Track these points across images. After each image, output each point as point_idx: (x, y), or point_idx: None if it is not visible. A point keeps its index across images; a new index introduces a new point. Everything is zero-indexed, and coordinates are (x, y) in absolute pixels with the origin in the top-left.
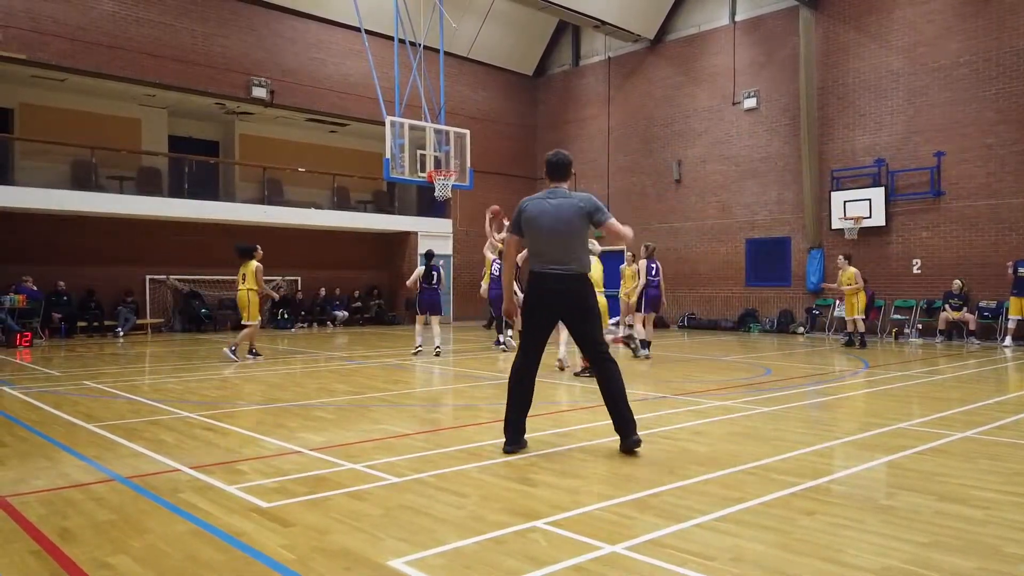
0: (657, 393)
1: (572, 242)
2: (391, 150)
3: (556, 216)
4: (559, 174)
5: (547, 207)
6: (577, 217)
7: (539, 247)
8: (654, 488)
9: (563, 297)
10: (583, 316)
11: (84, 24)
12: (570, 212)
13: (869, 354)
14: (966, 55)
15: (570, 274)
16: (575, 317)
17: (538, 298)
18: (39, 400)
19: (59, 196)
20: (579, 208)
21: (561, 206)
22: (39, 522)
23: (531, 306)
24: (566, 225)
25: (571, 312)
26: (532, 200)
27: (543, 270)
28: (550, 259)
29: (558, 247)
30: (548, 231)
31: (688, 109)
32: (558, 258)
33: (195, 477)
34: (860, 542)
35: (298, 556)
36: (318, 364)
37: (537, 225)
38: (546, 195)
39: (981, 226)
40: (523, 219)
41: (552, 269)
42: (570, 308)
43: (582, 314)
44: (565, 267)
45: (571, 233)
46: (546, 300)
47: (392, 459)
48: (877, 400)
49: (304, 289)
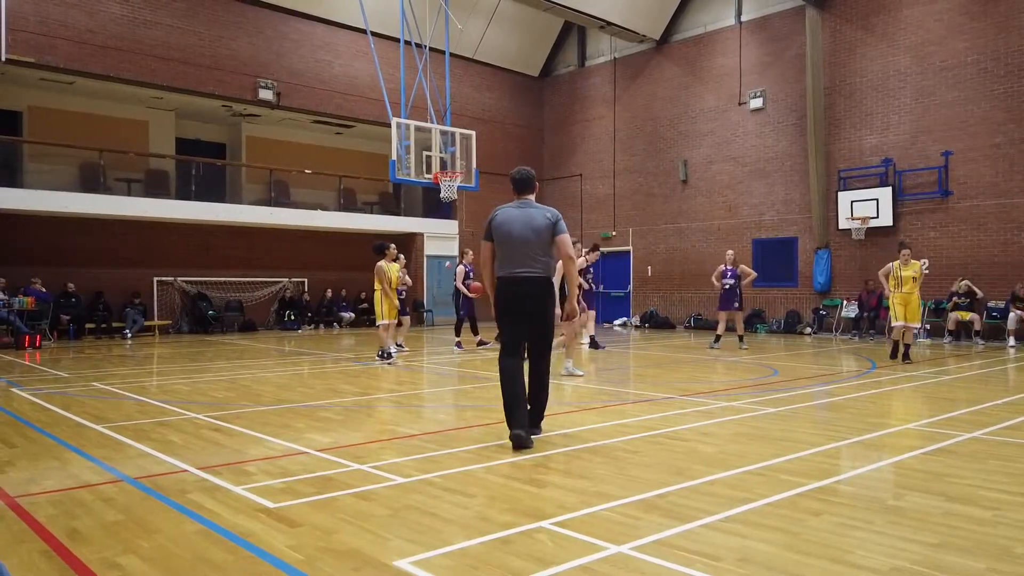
0: (664, 394)
1: (539, 248)
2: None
3: (526, 223)
4: (525, 187)
5: (517, 215)
6: (545, 226)
7: (508, 252)
8: (661, 489)
9: (529, 298)
10: (542, 317)
11: (92, 27)
12: (540, 220)
13: (877, 355)
14: (974, 54)
15: (537, 277)
16: (536, 317)
17: (508, 299)
18: (48, 401)
19: (67, 198)
20: (547, 218)
21: (531, 215)
22: (48, 522)
23: (503, 308)
24: (535, 232)
25: (534, 312)
26: (502, 209)
27: (512, 274)
28: (519, 263)
29: (526, 252)
30: (518, 237)
31: (694, 109)
32: (526, 262)
33: (203, 478)
34: (868, 543)
35: (305, 556)
36: (325, 365)
37: (507, 231)
38: (515, 205)
39: (989, 226)
40: (493, 226)
41: (520, 272)
42: (534, 308)
43: (542, 315)
44: (532, 270)
45: (539, 240)
46: (515, 300)
47: (399, 460)
48: (885, 401)
49: (311, 291)
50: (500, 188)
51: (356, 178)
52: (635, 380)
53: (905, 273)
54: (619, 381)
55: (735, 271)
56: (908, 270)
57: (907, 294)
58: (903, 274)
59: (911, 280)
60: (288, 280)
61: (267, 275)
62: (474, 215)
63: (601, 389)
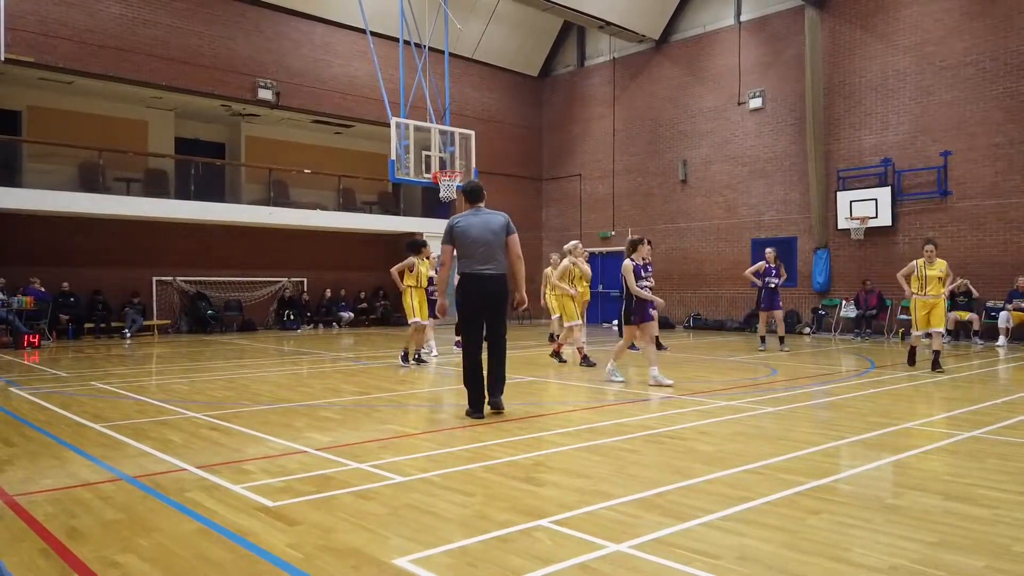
0: (663, 393)
1: (497, 248)
2: (396, 151)
3: (485, 227)
4: (477, 197)
5: (475, 221)
6: (501, 228)
7: (470, 252)
8: (660, 487)
9: (490, 293)
10: (499, 309)
11: (91, 27)
12: (497, 224)
13: (876, 354)
14: (973, 54)
15: (497, 273)
16: (495, 309)
17: (470, 294)
18: (47, 401)
19: (66, 198)
20: (502, 221)
21: (488, 220)
22: (47, 521)
23: (466, 301)
24: (493, 234)
25: (493, 304)
26: (460, 216)
27: (473, 271)
28: (480, 262)
29: (486, 252)
30: (478, 239)
31: (694, 109)
32: (488, 261)
33: (202, 476)
34: (867, 541)
35: (304, 555)
36: (324, 365)
37: (468, 235)
38: (471, 213)
39: (988, 226)
40: (454, 232)
41: (481, 270)
42: (493, 301)
43: (500, 307)
44: (492, 268)
45: (497, 241)
46: (477, 295)
47: (398, 459)
48: (884, 400)
49: (310, 290)
50: (499, 188)
51: (355, 178)
52: (634, 379)
53: (930, 272)
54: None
55: (777, 270)
56: (934, 269)
57: (933, 298)
58: (928, 273)
59: (936, 281)
60: (287, 280)
61: (266, 275)
62: None
63: (600, 388)
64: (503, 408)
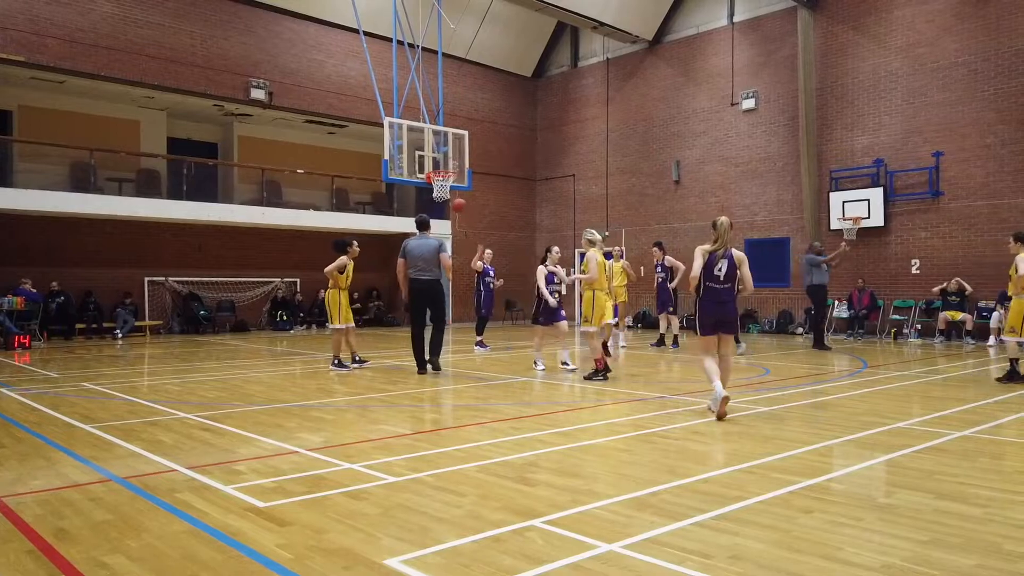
0: (656, 393)
1: (433, 262)
2: (390, 151)
3: (426, 248)
4: (425, 227)
5: (422, 243)
6: (436, 249)
7: (417, 264)
8: (652, 487)
9: (428, 292)
10: (438, 303)
11: (83, 26)
12: (434, 244)
13: (868, 354)
14: (965, 55)
15: (433, 279)
16: (436, 302)
17: (416, 292)
18: (37, 401)
19: (58, 198)
20: (437, 244)
21: (429, 243)
22: (35, 522)
23: (413, 298)
24: (430, 252)
25: (432, 300)
26: (412, 239)
27: (419, 277)
28: (422, 271)
29: (426, 265)
30: (423, 256)
31: (687, 110)
32: (426, 270)
33: (192, 477)
34: (860, 540)
35: (295, 555)
36: (317, 365)
37: (416, 253)
38: (420, 237)
39: (980, 226)
40: (407, 250)
41: (423, 276)
42: (432, 298)
43: (438, 302)
44: (430, 275)
45: (433, 258)
46: (420, 293)
47: (390, 459)
48: (876, 399)
49: (303, 291)
50: (493, 188)
51: (349, 178)
52: (626, 379)
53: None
54: (611, 380)
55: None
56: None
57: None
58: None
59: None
60: (280, 280)
61: (259, 275)
62: (468, 215)
63: (593, 388)
64: (440, 368)
